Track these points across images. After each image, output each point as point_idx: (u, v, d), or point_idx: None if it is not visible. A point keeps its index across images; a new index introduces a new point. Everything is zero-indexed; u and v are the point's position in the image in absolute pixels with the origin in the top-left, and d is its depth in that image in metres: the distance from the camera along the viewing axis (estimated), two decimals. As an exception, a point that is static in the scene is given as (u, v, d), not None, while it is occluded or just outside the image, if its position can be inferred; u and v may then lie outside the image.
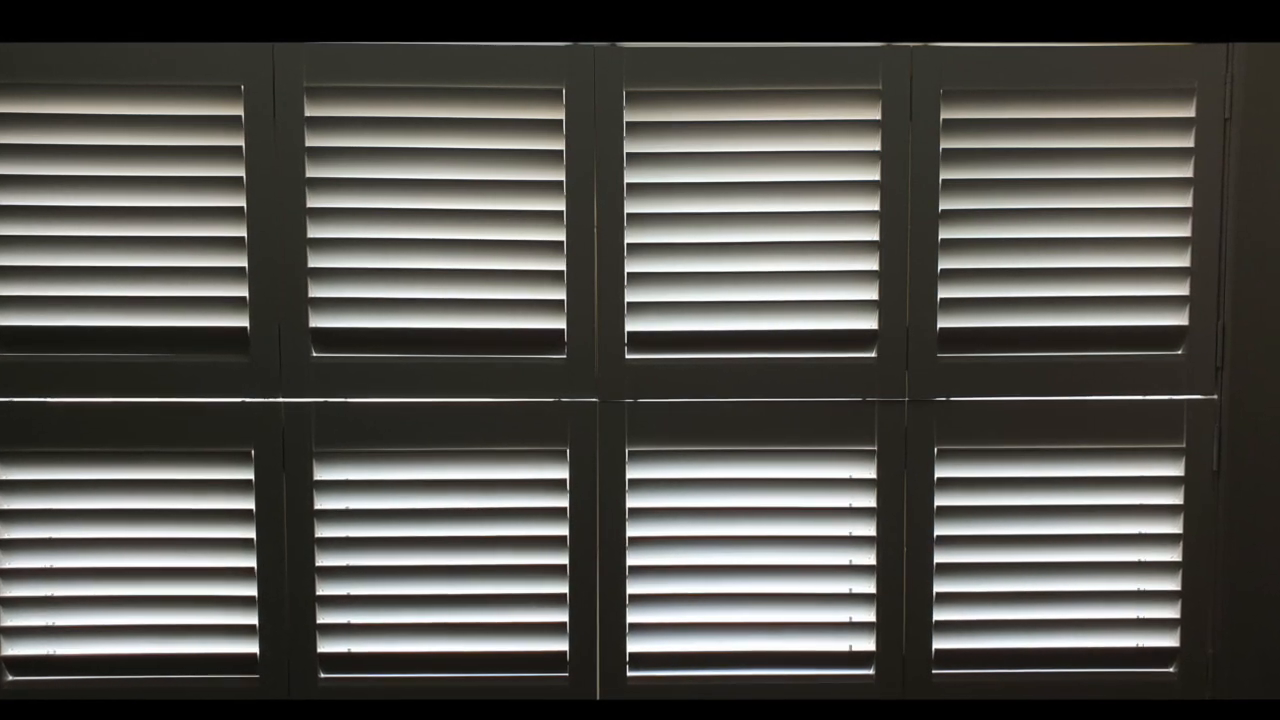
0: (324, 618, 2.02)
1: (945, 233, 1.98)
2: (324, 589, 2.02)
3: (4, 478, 2.00)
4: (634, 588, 2.02)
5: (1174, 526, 2.03)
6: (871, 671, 2.04)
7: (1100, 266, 1.99)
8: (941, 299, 1.98)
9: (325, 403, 1.99)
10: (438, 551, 2.02)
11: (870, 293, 1.99)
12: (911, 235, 1.97)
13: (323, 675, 2.03)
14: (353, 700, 2.02)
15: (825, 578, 2.03)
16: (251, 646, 2.02)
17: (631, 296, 1.98)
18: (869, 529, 2.02)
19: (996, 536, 2.03)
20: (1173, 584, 2.04)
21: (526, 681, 2.03)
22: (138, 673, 2.02)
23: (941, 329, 1.99)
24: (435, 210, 1.97)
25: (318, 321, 1.98)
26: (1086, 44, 1.94)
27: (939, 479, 2.01)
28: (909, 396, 2.00)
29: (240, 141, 1.94)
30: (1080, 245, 1.98)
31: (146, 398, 1.98)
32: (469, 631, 2.03)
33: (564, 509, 2.01)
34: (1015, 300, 1.99)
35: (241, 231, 1.96)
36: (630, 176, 1.96)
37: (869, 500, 2.02)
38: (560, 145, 1.96)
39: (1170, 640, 2.05)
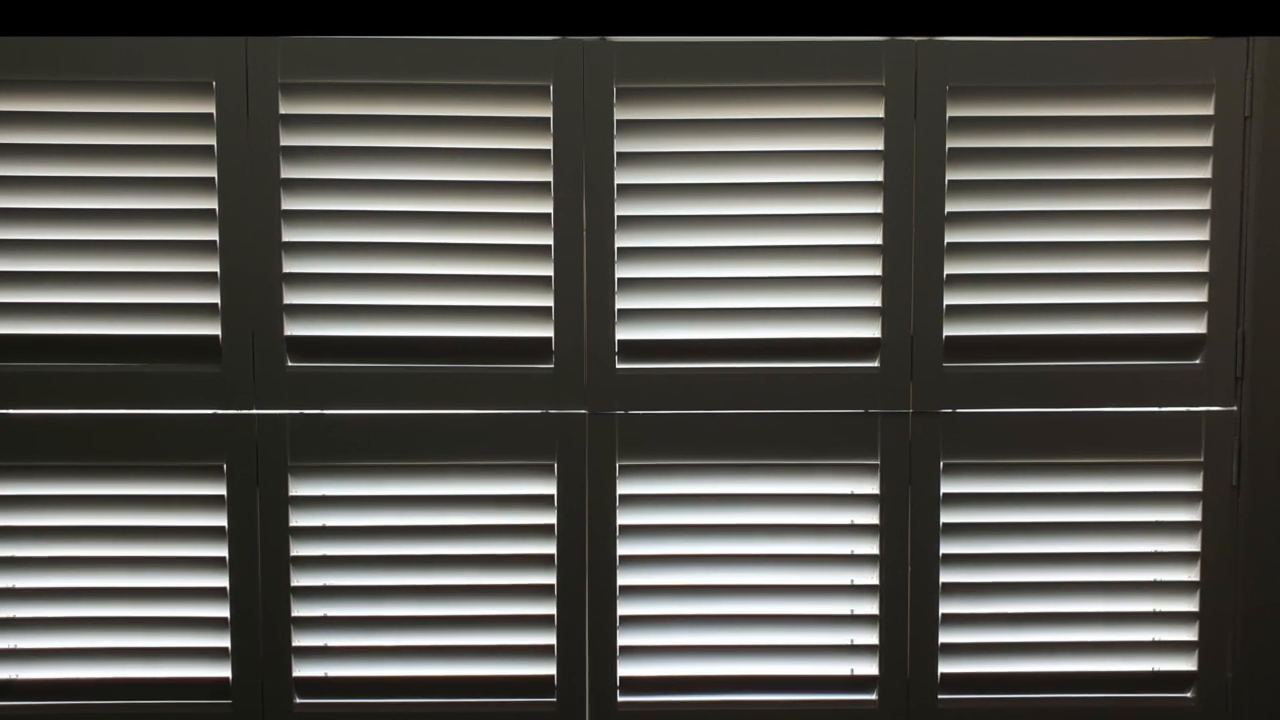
0: (300, 640, 1.95)
1: (951, 236, 1.92)
2: (300, 610, 1.95)
3: (-37, 493, 1.93)
4: (625, 609, 1.96)
5: (1191, 544, 1.96)
6: (874, 696, 1.98)
7: (1114, 271, 1.93)
8: (947, 305, 1.92)
9: (301, 414, 1.93)
10: (419, 571, 1.95)
11: (873, 299, 1.92)
12: (916, 239, 1.91)
13: (298, 700, 1.96)
14: (330, 727, 1.96)
15: (825, 598, 1.97)
16: (224, 670, 1.96)
17: (622, 303, 1.92)
18: (871, 547, 1.96)
19: (1005, 555, 1.96)
20: (1190, 605, 1.97)
21: (512, 707, 1.96)
22: (104, 698, 1.95)
23: (947, 337, 1.93)
24: (416, 213, 1.91)
25: (293, 329, 1.92)
26: (1099, 38, 1.88)
27: (944, 494, 1.95)
28: (913, 408, 1.94)
29: (211, 140, 1.88)
30: (1093, 249, 1.92)
31: (112, 409, 1.91)
32: (451, 655, 1.96)
33: (551, 526, 1.95)
34: (1025, 307, 1.93)
35: (213, 235, 1.89)
36: (621, 177, 1.90)
37: (871, 517, 1.95)
38: (548, 144, 1.90)
39: (1188, 664, 1.98)
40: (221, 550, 1.94)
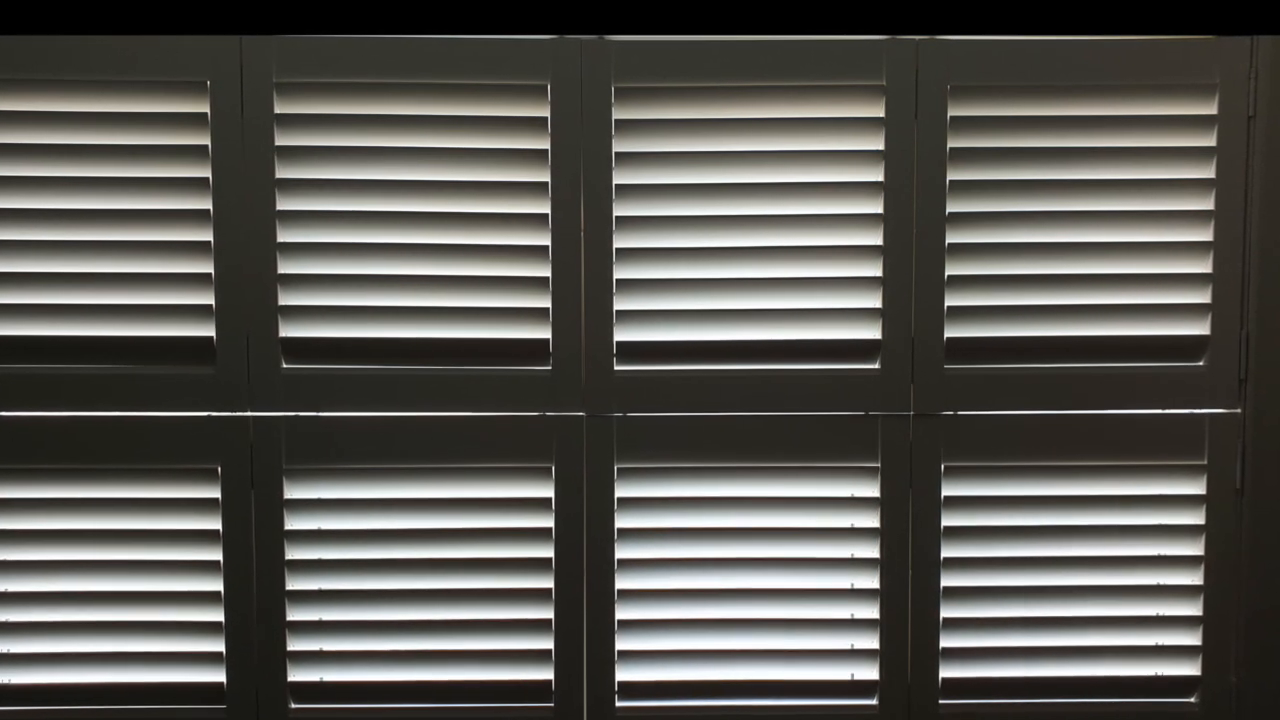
0: (295, 644, 1.94)
1: (952, 237, 1.90)
2: (295, 614, 1.93)
3: (-45, 496, 1.92)
4: (623, 613, 1.94)
5: (1195, 548, 1.94)
6: (875, 701, 1.96)
7: (1116, 273, 1.91)
8: (948, 307, 1.91)
9: (296, 417, 1.91)
10: (415, 574, 1.93)
11: (873, 300, 1.91)
12: (917, 239, 1.89)
13: (293, 705, 1.94)
14: (325, 732, 1.94)
15: (826, 602, 1.95)
16: (218, 675, 1.94)
17: (620, 304, 1.90)
18: (872, 550, 1.94)
19: (1007, 558, 1.95)
20: (1194, 608, 1.95)
21: (509, 712, 1.95)
22: (96, 703, 1.93)
23: (948, 339, 1.91)
24: (413, 213, 1.89)
25: (288, 331, 1.90)
26: (1101, 38, 1.87)
27: (946, 497, 1.93)
28: (914, 410, 1.92)
29: (206, 140, 1.86)
30: (1096, 250, 1.91)
31: (105, 411, 1.89)
32: (448, 659, 1.94)
33: (549, 529, 1.93)
34: (1026, 308, 1.91)
35: (207, 235, 1.88)
36: (619, 177, 1.88)
37: (872, 520, 1.94)
38: (545, 144, 1.88)
39: (1191, 668, 1.96)
40: (216, 554, 1.92)
